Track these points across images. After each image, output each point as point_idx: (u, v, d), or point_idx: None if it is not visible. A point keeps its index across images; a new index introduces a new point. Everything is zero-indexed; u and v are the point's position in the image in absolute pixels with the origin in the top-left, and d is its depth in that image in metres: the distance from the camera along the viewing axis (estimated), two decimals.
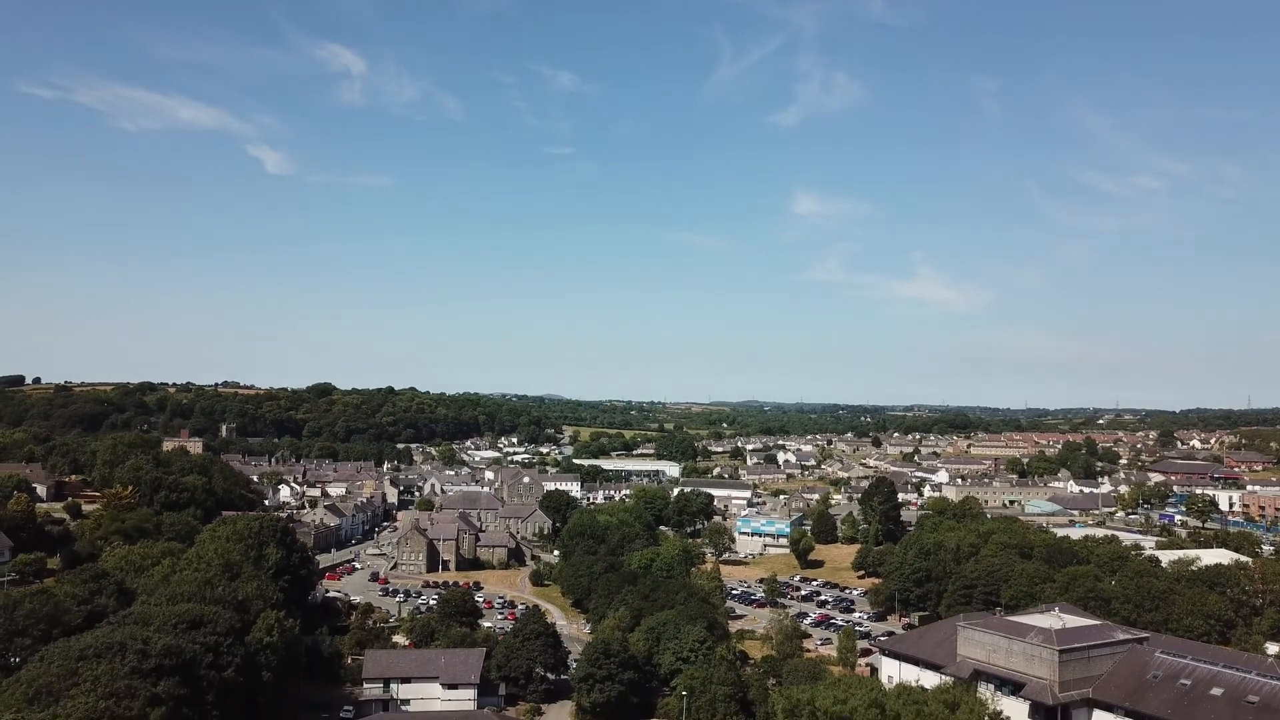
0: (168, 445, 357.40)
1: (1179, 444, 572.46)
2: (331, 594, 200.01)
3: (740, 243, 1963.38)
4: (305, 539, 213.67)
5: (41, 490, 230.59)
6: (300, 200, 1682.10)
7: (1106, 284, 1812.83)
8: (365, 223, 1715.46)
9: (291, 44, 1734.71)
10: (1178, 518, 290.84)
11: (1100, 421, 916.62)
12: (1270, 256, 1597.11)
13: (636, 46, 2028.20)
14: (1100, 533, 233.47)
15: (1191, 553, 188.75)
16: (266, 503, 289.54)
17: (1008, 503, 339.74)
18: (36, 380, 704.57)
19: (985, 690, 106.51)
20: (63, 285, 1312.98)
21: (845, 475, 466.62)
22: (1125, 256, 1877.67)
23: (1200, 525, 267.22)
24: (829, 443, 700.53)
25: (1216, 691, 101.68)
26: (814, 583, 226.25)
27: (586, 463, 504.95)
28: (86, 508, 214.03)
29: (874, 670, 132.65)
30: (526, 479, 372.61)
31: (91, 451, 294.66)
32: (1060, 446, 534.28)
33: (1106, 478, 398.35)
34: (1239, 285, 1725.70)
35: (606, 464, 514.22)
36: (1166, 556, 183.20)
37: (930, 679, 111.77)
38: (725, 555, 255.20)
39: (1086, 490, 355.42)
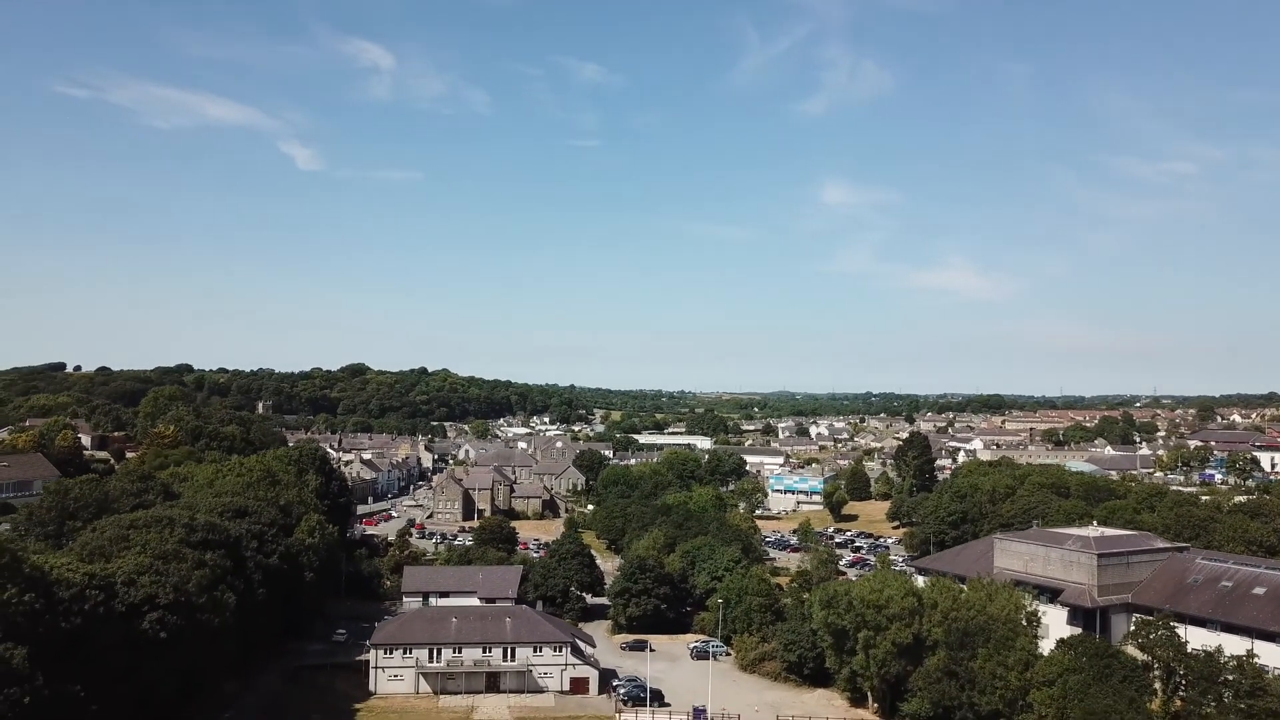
0: None
1: (1219, 419, 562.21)
2: (370, 533, 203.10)
3: (768, 233, 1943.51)
4: None
5: (86, 440, 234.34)
6: (332, 195, 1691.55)
7: (1141, 271, 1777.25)
8: (395, 217, 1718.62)
9: (320, 41, 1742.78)
10: (1217, 477, 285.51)
11: (1137, 405, 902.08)
12: None
13: (662, 37, 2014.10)
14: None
15: (1230, 495, 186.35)
16: None
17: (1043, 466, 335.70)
18: (77, 367, 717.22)
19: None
20: (101, 278, 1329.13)
21: (878, 445, 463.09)
22: (1160, 243, 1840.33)
23: (1241, 483, 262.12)
24: (862, 420, 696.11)
25: (1259, 591, 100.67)
26: (848, 533, 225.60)
27: (619, 435, 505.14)
28: (130, 455, 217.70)
29: None
30: (560, 444, 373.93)
31: (133, 412, 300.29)
32: (1097, 421, 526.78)
33: (1145, 444, 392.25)
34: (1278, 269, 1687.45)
35: (639, 439, 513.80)
36: (1205, 498, 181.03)
37: None
38: (758, 511, 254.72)
39: (1125, 453, 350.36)
